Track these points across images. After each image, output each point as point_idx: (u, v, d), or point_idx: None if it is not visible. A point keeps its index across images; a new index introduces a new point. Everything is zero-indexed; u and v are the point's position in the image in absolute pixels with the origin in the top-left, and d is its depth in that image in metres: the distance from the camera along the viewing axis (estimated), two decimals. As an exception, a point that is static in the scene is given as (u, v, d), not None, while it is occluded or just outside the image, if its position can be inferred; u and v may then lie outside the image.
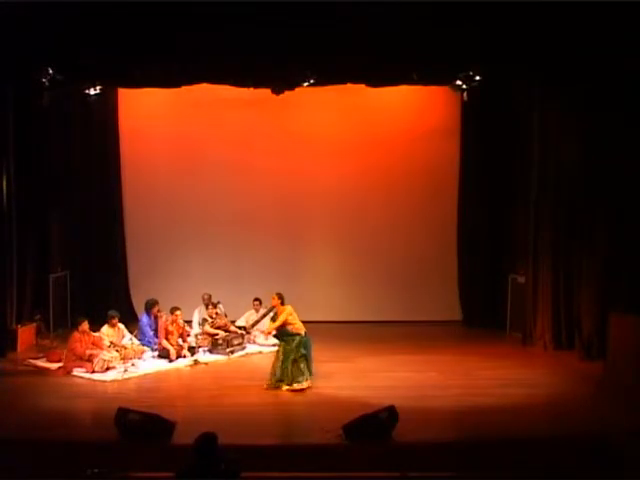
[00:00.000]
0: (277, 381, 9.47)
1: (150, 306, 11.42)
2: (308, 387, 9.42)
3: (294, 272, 13.40)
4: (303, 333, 9.66)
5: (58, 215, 12.73)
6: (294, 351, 9.55)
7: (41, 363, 10.67)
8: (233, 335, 11.66)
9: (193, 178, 13.47)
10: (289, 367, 9.46)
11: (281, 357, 9.55)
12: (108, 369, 10.18)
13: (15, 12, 9.44)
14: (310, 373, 9.58)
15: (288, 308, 9.70)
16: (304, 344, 9.64)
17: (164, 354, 10.90)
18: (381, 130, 13.50)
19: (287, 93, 10.99)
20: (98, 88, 11.21)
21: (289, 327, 9.64)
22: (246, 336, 11.74)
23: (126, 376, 10.05)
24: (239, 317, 12.23)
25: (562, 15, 9.47)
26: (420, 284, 13.57)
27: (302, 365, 9.50)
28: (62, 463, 6.94)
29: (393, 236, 13.62)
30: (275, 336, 10.08)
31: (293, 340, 9.59)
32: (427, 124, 13.48)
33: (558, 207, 11.33)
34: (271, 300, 9.92)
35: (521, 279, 12.32)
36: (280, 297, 9.78)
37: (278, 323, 9.66)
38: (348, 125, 13.49)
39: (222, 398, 9.15)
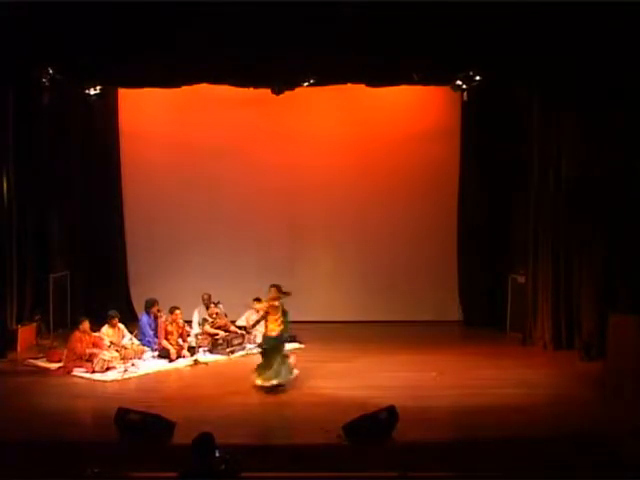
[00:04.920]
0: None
1: (149, 305, 11.43)
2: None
3: (294, 272, 13.38)
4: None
5: (58, 215, 12.74)
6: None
7: (41, 363, 10.67)
8: (233, 335, 11.67)
9: (193, 178, 13.47)
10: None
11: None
12: (108, 369, 10.18)
13: (15, 12, 9.44)
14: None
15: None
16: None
17: (164, 354, 10.90)
18: (381, 130, 13.50)
19: (287, 93, 10.99)
20: (98, 88, 11.22)
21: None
22: (246, 336, 11.74)
23: (126, 376, 10.05)
24: (239, 317, 12.23)
25: (562, 15, 9.46)
26: (420, 284, 13.57)
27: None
28: (62, 463, 6.93)
29: (393, 236, 13.61)
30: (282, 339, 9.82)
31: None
32: (427, 124, 13.49)
33: (558, 207, 11.34)
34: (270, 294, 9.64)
35: (521, 279, 12.32)
36: (279, 290, 9.58)
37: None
38: (348, 125, 13.49)
39: (222, 398, 9.14)
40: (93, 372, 10.09)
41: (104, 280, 13.42)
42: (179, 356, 10.95)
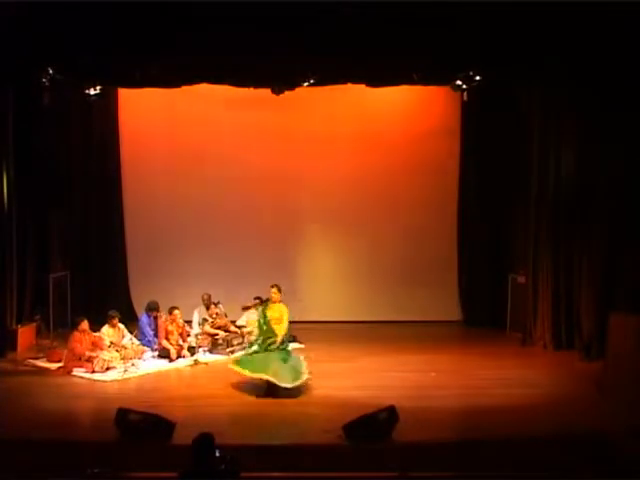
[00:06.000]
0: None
1: (150, 308, 11.41)
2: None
3: (294, 272, 13.41)
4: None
5: (58, 215, 12.74)
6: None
7: (41, 363, 10.67)
8: (233, 335, 11.68)
9: (193, 178, 13.47)
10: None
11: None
12: (108, 369, 10.18)
13: (15, 12, 9.44)
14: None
15: (285, 308, 9.50)
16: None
17: (164, 354, 10.91)
18: (381, 130, 13.51)
19: (287, 93, 10.99)
20: (98, 88, 11.21)
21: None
22: (246, 336, 11.74)
23: (126, 376, 10.05)
24: (239, 317, 12.23)
25: (562, 15, 9.46)
26: (420, 284, 13.56)
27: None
28: (62, 463, 6.93)
29: (393, 236, 13.62)
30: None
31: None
32: (427, 124, 13.49)
33: (558, 207, 11.34)
34: (272, 295, 9.53)
35: (521, 279, 12.32)
36: (280, 290, 9.54)
37: (285, 326, 9.38)
38: (348, 125, 13.49)
39: (222, 398, 9.14)
40: (93, 372, 10.09)
41: (104, 280, 13.43)
42: (179, 356, 10.95)
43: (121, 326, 11.14)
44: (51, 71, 10.48)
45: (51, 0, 9.36)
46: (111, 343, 10.67)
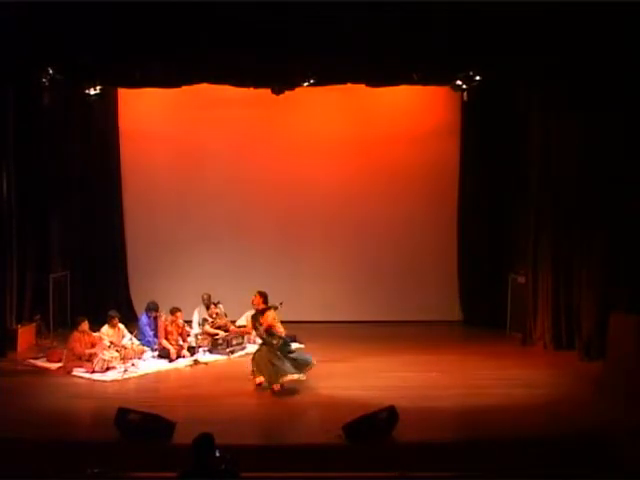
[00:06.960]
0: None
1: (151, 309, 11.42)
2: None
3: (294, 272, 13.41)
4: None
5: (58, 215, 12.74)
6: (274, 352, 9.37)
7: (41, 363, 10.67)
8: (233, 335, 11.67)
9: (193, 178, 13.48)
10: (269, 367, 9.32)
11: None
12: (108, 369, 10.18)
13: (15, 12, 9.44)
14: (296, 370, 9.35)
15: (272, 313, 9.41)
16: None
17: (164, 354, 10.91)
18: (381, 130, 13.50)
19: (287, 93, 10.99)
20: (98, 88, 11.21)
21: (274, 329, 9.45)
22: (246, 336, 11.74)
23: (126, 376, 10.05)
24: (239, 317, 12.23)
25: (562, 15, 9.46)
26: (420, 284, 13.57)
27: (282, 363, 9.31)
28: (62, 463, 6.94)
29: (393, 236, 13.62)
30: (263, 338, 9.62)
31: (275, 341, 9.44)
32: (427, 124, 13.49)
33: (558, 207, 11.33)
34: (254, 299, 9.49)
35: (521, 279, 12.32)
36: (263, 296, 9.47)
37: (265, 327, 9.38)
38: (348, 125, 13.49)
39: (222, 398, 9.15)
40: (93, 372, 10.09)
41: (104, 280, 13.43)
42: (179, 356, 10.96)
43: (121, 326, 11.13)
44: (51, 71, 10.47)
45: (51, 0, 9.36)
46: (111, 343, 10.68)
